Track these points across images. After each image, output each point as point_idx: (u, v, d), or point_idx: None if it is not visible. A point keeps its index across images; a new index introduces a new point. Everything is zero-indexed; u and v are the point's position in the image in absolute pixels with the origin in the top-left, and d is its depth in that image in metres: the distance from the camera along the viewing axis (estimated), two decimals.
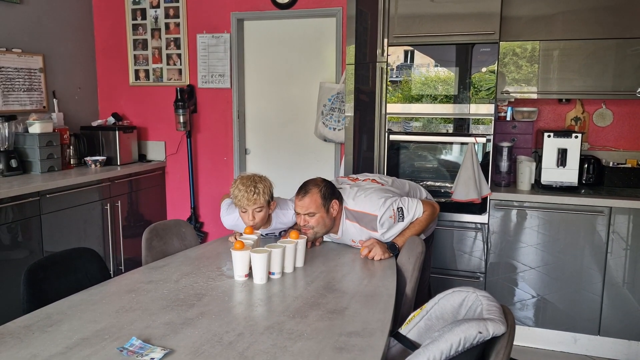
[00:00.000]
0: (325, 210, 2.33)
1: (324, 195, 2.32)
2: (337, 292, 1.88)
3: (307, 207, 2.30)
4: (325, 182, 2.38)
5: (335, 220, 2.40)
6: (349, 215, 2.39)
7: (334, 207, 2.36)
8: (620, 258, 3.01)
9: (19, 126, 3.67)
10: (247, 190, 2.28)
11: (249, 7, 4.12)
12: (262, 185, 2.32)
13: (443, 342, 1.26)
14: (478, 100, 3.12)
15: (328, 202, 2.33)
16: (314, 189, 2.31)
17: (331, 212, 2.35)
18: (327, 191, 2.34)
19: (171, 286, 1.90)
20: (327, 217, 2.34)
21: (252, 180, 2.32)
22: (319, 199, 2.30)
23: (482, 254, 3.22)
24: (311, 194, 2.30)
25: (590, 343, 3.13)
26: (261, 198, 2.30)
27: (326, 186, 2.36)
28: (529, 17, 3.18)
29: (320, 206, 2.30)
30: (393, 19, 3.19)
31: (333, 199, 2.35)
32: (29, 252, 3.20)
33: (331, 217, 2.37)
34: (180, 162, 4.48)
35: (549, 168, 3.25)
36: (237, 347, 1.43)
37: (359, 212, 2.37)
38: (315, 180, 2.38)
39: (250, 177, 2.34)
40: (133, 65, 4.50)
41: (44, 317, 1.61)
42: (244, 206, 2.31)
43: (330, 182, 2.41)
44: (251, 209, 2.32)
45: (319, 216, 2.31)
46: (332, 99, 3.84)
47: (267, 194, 2.33)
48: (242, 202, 2.30)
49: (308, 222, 2.32)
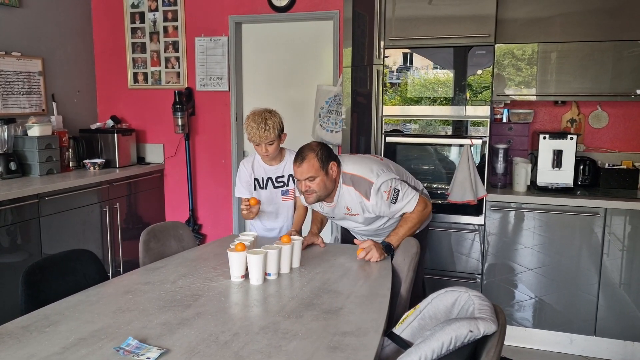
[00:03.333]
0: (325, 173, 2.33)
1: (321, 159, 2.31)
2: (332, 292, 1.90)
3: (306, 172, 2.30)
4: (321, 145, 2.38)
5: (336, 182, 2.40)
6: (346, 179, 2.40)
7: (333, 168, 2.36)
8: (616, 259, 3.03)
9: (18, 129, 3.69)
10: (258, 127, 2.53)
11: (246, 11, 4.14)
12: (271, 122, 2.55)
13: (435, 341, 1.28)
14: (474, 102, 3.14)
15: (326, 165, 2.33)
16: (310, 154, 2.31)
17: (331, 174, 2.35)
18: (323, 154, 2.33)
19: (168, 287, 1.92)
20: (327, 179, 2.34)
21: (263, 117, 2.55)
22: (317, 162, 2.30)
23: (479, 256, 3.24)
24: (308, 159, 2.30)
25: (586, 343, 3.14)
26: (271, 133, 2.55)
27: (322, 149, 2.35)
28: (524, 20, 3.20)
29: (319, 169, 2.30)
30: (390, 22, 3.21)
31: (330, 161, 2.36)
32: (28, 255, 3.21)
33: (332, 179, 2.37)
34: (179, 165, 4.50)
35: (544, 169, 3.27)
36: (232, 346, 1.44)
37: (355, 175, 2.37)
38: (310, 145, 2.39)
39: (261, 114, 2.57)
40: (132, 68, 4.52)
41: (42, 317, 1.63)
42: (257, 141, 2.57)
43: (326, 145, 2.41)
44: (264, 143, 2.58)
45: (320, 179, 2.32)
46: (330, 102, 3.86)
47: (276, 129, 2.58)
48: (254, 137, 2.56)
49: (309, 187, 2.33)
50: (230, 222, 4.44)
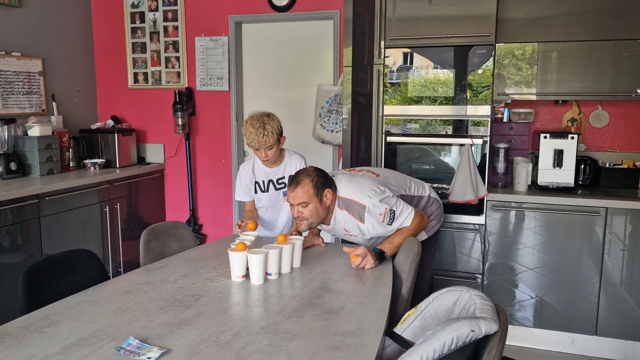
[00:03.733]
0: (319, 200, 2.27)
1: (316, 185, 2.25)
2: (333, 292, 1.89)
3: (299, 198, 2.24)
4: (317, 171, 2.32)
5: (330, 209, 2.34)
6: (340, 203, 2.34)
7: (328, 196, 2.29)
8: (617, 258, 3.03)
9: (18, 129, 3.69)
10: (257, 133, 2.50)
11: (247, 10, 4.14)
12: (270, 127, 2.52)
13: (436, 341, 1.27)
14: (475, 101, 3.14)
15: (321, 192, 2.27)
16: (305, 179, 2.25)
17: (325, 201, 2.29)
18: (319, 180, 2.27)
19: (169, 287, 1.92)
20: (320, 207, 2.28)
21: (261, 121, 2.52)
22: (311, 188, 2.24)
23: (480, 255, 3.23)
24: (303, 184, 2.24)
25: (587, 343, 3.14)
26: (270, 138, 2.53)
27: (318, 175, 2.29)
28: (525, 19, 3.20)
29: (313, 196, 2.25)
30: (390, 21, 3.21)
31: (326, 188, 2.29)
32: (28, 255, 3.21)
33: (325, 207, 2.31)
34: (179, 165, 4.49)
35: (545, 169, 3.27)
36: (233, 346, 1.44)
37: (348, 199, 2.32)
38: (307, 169, 2.33)
39: (259, 118, 2.53)
40: (132, 68, 4.52)
41: (42, 317, 1.62)
42: (256, 146, 2.55)
43: (322, 171, 2.35)
44: (263, 148, 2.56)
45: (313, 206, 2.26)
46: (330, 101, 3.86)
47: (275, 133, 2.55)
48: (253, 143, 2.54)
49: (302, 213, 2.27)
50: (230, 222, 4.43)
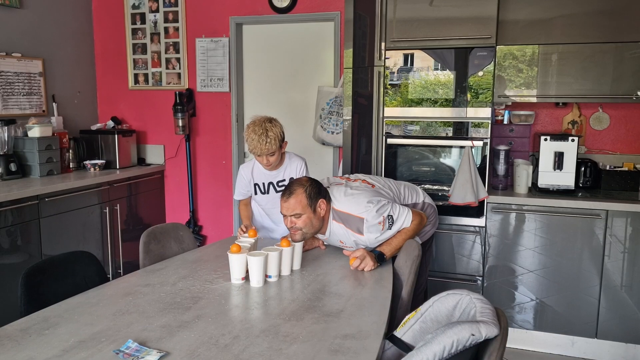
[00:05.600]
0: (312, 211, 2.23)
1: (310, 195, 2.22)
2: (333, 295, 1.89)
3: (292, 209, 2.21)
4: (311, 182, 2.29)
5: (324, 220, 2.32)
6: (335, 216, 2.32)
7: (322, 206, 2.26)
8: (618, 261, 3.02)
9: (19, 130, 3.69)
10: (259, 140, 2.48)
11: (247, 12, 4.14)
12: (272, 133, 2.50)
13: (436, 344, 1.27)
14: (475, 103, 3.14)
15: (314, 202, 2.23)
16: (298, 189, 2.22)
17: (318, 212, 2.25)
18: (312, 191, 2.24)
19: (168, 289, 1.91)
20: (314, 217, 2.24)
21: (264, 128, 2.49)
22: (305, 199, 2.21)
23: (480, 257, 3.23)
24: (296, 195, 2.21)
25: (587, 346, 3.13)
26: (273, 145, 2.51)
27: (311, 185, 2.26)
28: (526, 22, 3.20)
29: (306, 206, 2.21)
30: (391, 23, 3.21)
31: (319, 198, 2.25)
32: (28, 256, 3.21)
33: (319, 218, 2.27)
34: (179, 166, 4.49)
35: (546, 171, 3.26)
36: (232, 349, 1.44)
37: (344, 213, 2.29)
38: (300, 180, 2.31)
39: (262, 125, 2.50)
40: (132, 69, 4.52)
41: (41, 320, 1.62)
42: (258, 152, 2.53)
43: (316, 181, 2.31)
44: (264, 154, 2.54)
45: (306, 217, 2.22)
46: (331, 103, 3.86)
47: (278, 140, 2.53)
48: (256, 149, 2.52)
49: (295, 223, 2.22)
50: (230, 223, 4.43)
